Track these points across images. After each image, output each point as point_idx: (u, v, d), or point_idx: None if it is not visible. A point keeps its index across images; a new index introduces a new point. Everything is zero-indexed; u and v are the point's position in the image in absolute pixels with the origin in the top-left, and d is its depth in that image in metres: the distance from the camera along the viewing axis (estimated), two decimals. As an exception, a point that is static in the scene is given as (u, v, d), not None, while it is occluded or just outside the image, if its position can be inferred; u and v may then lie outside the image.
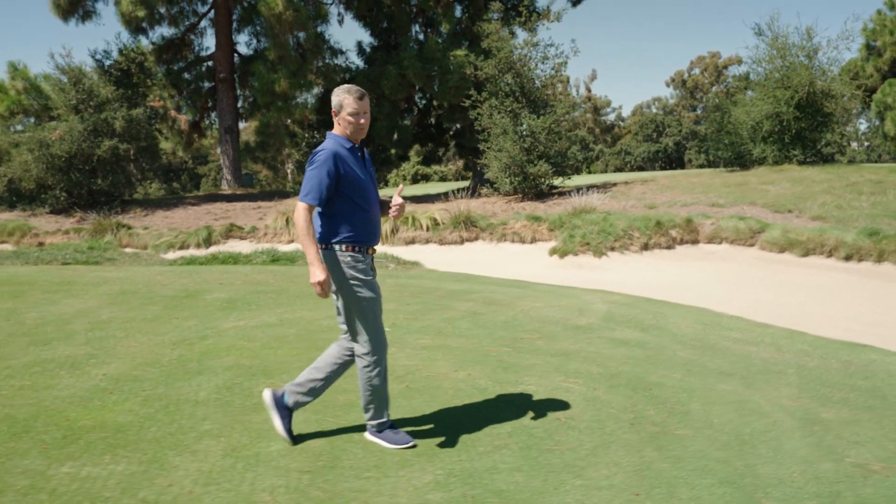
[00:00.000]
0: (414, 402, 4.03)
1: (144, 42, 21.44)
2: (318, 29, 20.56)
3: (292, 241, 14.63)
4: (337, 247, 3.28)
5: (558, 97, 19.17)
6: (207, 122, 24.01)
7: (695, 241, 12.11)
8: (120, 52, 19.79)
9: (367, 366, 3.36)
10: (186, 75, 21.80)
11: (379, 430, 3.45)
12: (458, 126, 22.95)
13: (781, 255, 11.11)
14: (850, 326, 6.57)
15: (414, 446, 3.39)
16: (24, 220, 17.00)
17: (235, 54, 22.06)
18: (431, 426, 3.66)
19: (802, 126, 19.80)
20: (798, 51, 19.85)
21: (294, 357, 4.99)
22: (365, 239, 3.32)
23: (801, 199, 13.68)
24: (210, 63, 22.15)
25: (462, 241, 13.36)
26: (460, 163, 36.42)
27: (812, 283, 9.15)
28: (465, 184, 23.62)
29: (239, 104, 22.91)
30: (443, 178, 55.58)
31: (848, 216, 12.19)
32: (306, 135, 24.35)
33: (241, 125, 23.21)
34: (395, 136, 21.97)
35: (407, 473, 3.14)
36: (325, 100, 23.20)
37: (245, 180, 24.83)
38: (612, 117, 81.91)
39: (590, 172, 67.16)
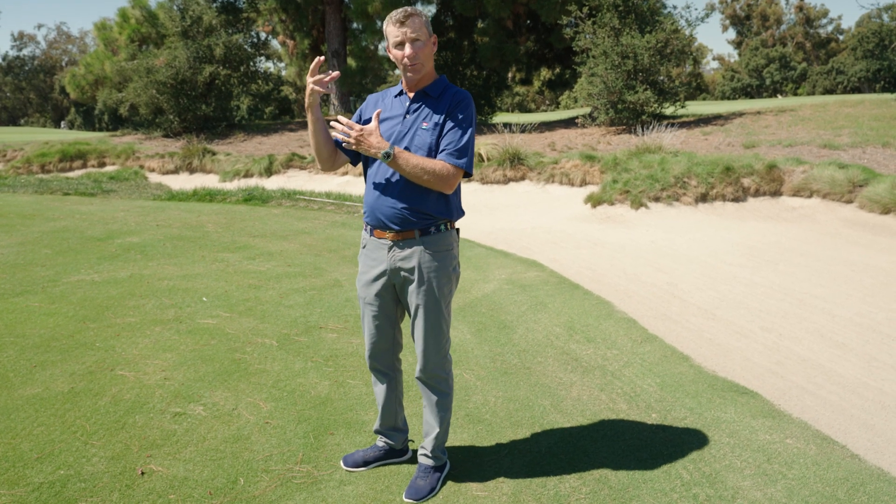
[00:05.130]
0: (21, 415, 3.26)
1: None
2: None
3: (346, 174, 14.11)
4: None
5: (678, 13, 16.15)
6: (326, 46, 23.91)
7: (776, 193, 9.58)
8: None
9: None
10: (297, -1, 21.64)
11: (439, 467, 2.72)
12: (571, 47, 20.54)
13: (884, 217, 8.39)
14: (838, 339, 4.57)
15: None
16: (134, 143, 18.24)
17: (344, -26, 21.42)
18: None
19: None
20: None
21: (50, 330, 4.41)
22: (367, 218, 2.58)
23: (962, 141, 10.31)
24: (321, -15, 21.77)
25: (506, 181, 11.90)
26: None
27: (889, 263, 6.72)
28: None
29: (353, 27, 22.45)
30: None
31: None
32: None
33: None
34: (501, 58, 20.13)
35: None
36: (436, 21, 21.94)
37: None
38: (828, 30, 70.34)
39: (796, 94, 58.52)
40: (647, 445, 2.94)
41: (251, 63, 19.59)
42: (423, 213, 2.45)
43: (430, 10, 21.81)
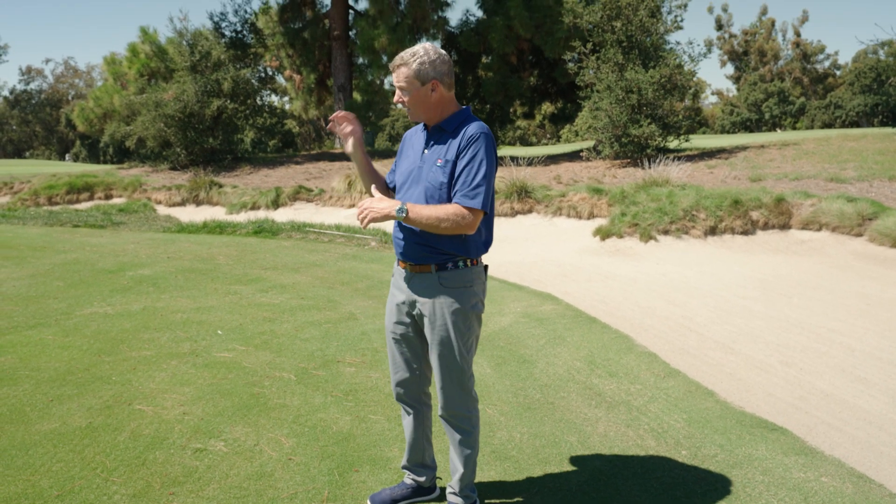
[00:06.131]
0: (41, 449, 3.21)
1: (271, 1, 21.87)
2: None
3: (353, 206, 14.15)
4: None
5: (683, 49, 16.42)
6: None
7: (785, 226, 9.60)
8: (234, 12, 20.47)
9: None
10: (305, 34, 21.93)
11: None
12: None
13: (895, 250, 8.40)
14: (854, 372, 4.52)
15: None
16: (141, 175, 18.34)
17: (351, 11, 21.78)
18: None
19: None
20: None
21: (65, 363, 4.36)
22: (395, 248, 2.60)
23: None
24: (327, 21, 22.12)
25: (514, 214, 11.94)
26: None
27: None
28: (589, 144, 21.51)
29: (359, 62, 22.77)
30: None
31: None
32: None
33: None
34: (505, 92, 20.36)
35: None
36: (440, 55, 22.19)
37: (365, 138, 24.83)
38: (825, 65, 71.25)
39: (794, 128, 59.01)
40: (679, 483, 2.89)
41: (258, 97, 19.80)
42: (437, 249, 2.43)
43: (435, 45, 22.12)
